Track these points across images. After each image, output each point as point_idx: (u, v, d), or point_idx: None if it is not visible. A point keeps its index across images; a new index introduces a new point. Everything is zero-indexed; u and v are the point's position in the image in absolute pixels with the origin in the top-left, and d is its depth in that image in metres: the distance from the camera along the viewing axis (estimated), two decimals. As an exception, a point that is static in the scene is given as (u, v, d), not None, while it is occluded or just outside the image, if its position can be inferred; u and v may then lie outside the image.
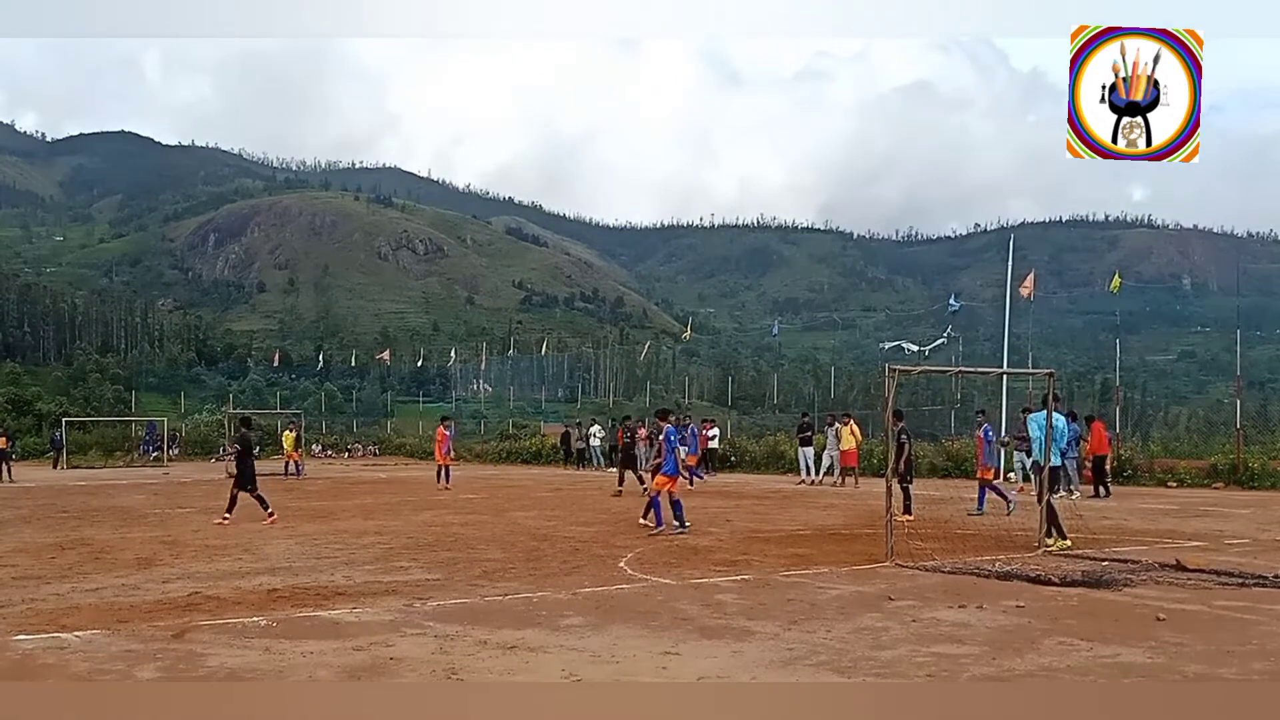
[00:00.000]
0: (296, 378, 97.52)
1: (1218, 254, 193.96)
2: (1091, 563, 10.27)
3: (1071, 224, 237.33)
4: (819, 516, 16.23)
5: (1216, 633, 6.94)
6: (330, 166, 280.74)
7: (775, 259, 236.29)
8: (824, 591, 8.80)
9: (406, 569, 10.49)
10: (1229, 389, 74.81)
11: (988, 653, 6.37)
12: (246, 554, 11.89)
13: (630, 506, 16.96)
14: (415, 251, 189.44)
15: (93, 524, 15.94)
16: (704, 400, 79.05)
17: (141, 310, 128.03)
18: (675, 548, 12.13)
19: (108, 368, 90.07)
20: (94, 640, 7.03)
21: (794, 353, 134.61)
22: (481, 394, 74.84)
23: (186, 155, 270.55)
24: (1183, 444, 30.24)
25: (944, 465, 26.52)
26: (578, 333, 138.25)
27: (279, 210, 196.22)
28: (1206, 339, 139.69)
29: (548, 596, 8.65)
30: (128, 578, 10.09)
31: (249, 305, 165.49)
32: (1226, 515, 15.89)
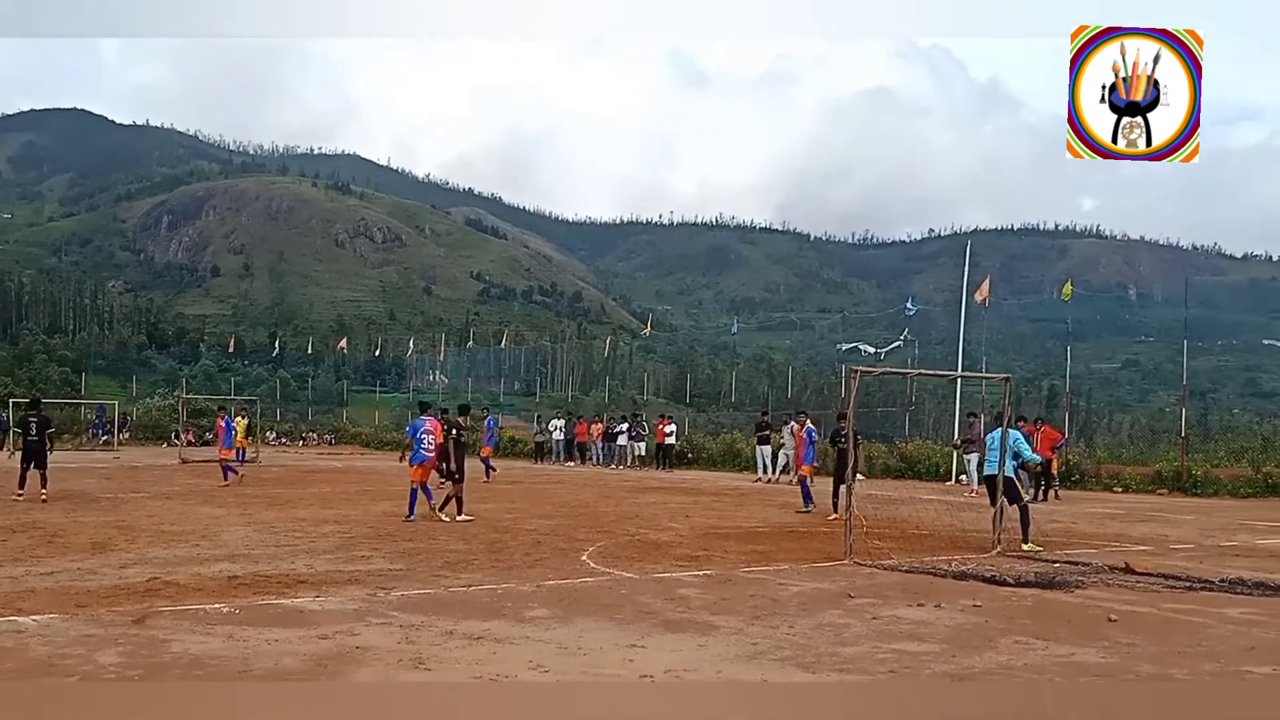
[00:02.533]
0: (250, 364, 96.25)
1: (1163, 265, 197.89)
2: (1044, 564, 10.50)
3: (1023, 232, 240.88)
4: (776, 514, 16.40)
5: (1167, 634, 7.15)
6: (288, 151, 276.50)
7: (733, 258, 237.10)
8: (785, 588, 8.92)
9: (368, 558, 10.47)
10: (1171, 398, 76.35)
11: (947, 650, 6.51)
12: (204, 540, 11.78)
13: (586, 500, 16.99)
14: (373, 240, 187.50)
15: (43, 507, 15.66)
16: (660, 397, 79.10)
17: (91, 291, 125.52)
18: (636, 542, 12.21)
19: (55, 349, 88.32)
20: (52, 625, 6.95)
21: (749, 352, 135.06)
22: (438, 385, 74.31)
23: (141, 135, 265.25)
24: (1127, 451, 30.85)
25: (898, 466, 26.86)
26: (535, 326, 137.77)
27: (235, 194, 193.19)
28: (1150, 349, 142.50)
29: (512, 588, 8.68)
30: (83, 562, 9.96)
31: (202, 289, 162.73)
32: (1171, 520, 16.28)
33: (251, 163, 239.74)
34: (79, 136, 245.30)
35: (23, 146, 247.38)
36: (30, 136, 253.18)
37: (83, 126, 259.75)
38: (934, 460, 26.33)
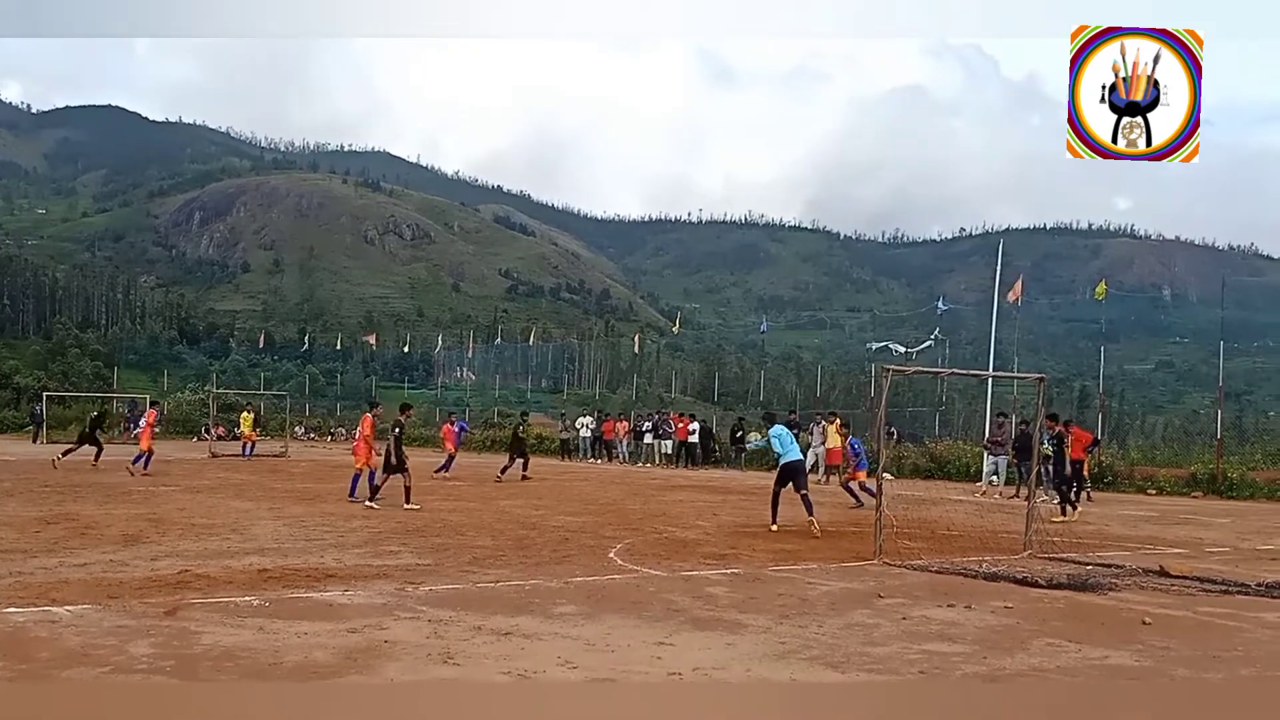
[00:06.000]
0: (279, 359, 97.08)
1: (1198, 266, 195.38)
2: (1076, 567, 10.37)
3: (1056, 231, 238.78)
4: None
5: (1202, 638, 7.03)
6: (318, 148, 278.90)
7: (762, 256, 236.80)
8: (814, 587, 8.86)
9: (396, 553, 10.50)
10: (1206, 400, 75.40)
11: (978, 652, 6.44)
12: (234, 534, 11.86)
13: (614, 497, 16.98)
14: (402, 236, 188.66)
15: (76, 499, 15.85)
16: (687, 395, 79.19)
17: (123, 286, 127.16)
18: (664, 540, 12.18)
19: (88, 343, 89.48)
20: (85, 615, 7.01)
21: (778, 350, 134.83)
22: (466, 382, 74.65)
23: (173, 132, 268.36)
24: (1160, 453, 30.47)
25: (927, 466, 26.66)
26: (563, 323, 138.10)
27: (265, 190, 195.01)
28: (1184, 350, 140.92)
29: (540, 585, 8.67)
30: (115, 554, 10.05)
31: (233, 285, 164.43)
32: (1206, 523, 16.05)
33: (282, 159, 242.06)
34: (113, 133, 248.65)
35: (58, 143, 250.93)
36: (65, 133, 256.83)
37: (117, 123, 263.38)
38: (964, 461, 26.11)
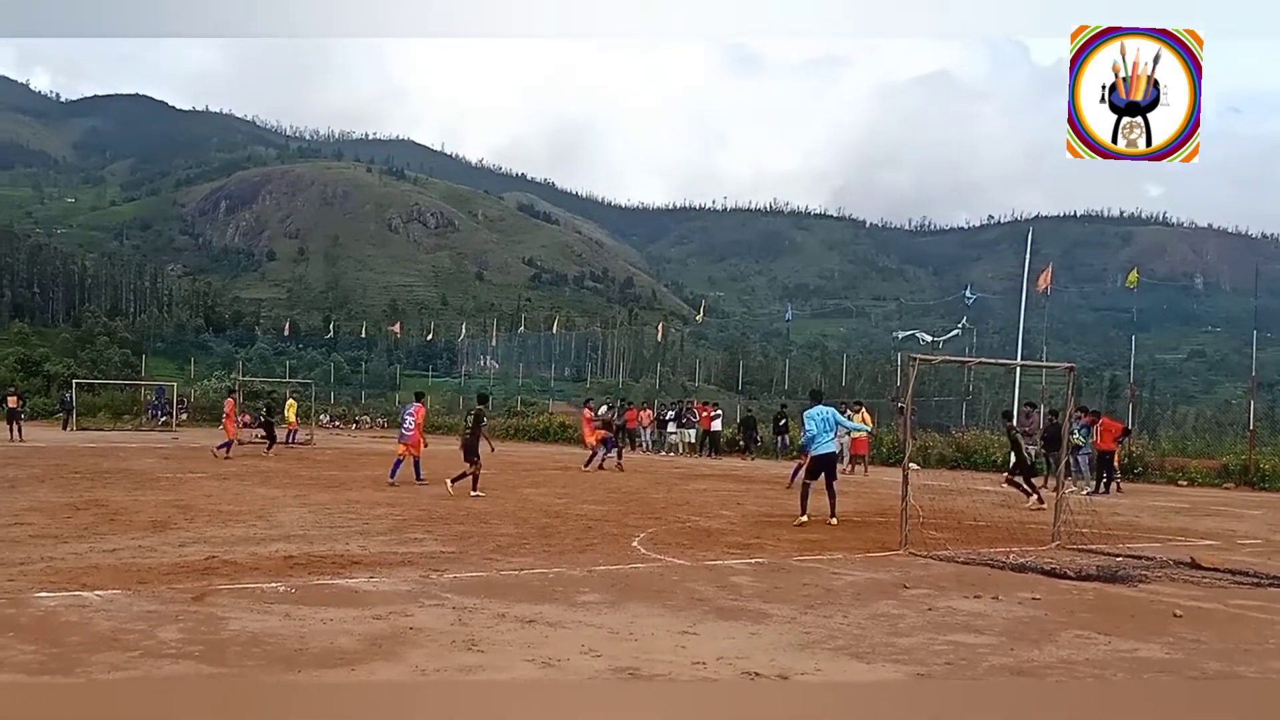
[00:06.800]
0: (304, 347, 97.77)
1: (1231, 254, 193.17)
2: (1106, 558, 10.27)
3: (1085, 219, 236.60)
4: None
5: (1234, 631, 6.94)
6: (343, 137, 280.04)
7: (786, 244, 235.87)
8: (839, 577, 8.81)
9: (421, 541, 10.53)
10: (1238, 390, 74.52)
11: (1005, 643, 6.38)
12: (260, 521, 11.95)
13: (637, 486, 16.97)
14: (426, 225, 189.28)
15: (105, 485, 16.02)
16: (711, 384, 78.97)
17: (151, 275, 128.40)
18: (687, 529, 12.17)
19: (116, 331, 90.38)
20: (115, 600, 7.07)
21: (803, 339, 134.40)
22: (489, 370, 74.91)
23: (200, 120, 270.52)
24: (1192, 443, 30.12)
25: (954, 456, 26.49)
26: (586, 312, 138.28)
27: (291, 179, 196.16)
28: (1216, 339, 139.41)
29: (563, 573, 8.67)
30: (144, 540, 10.14)
31: (258, 273, 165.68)
32: (1238, 515, 15.86)
33: (307, 148, 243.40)
34: (140, 122, 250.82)
35: (86, 133, 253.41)
36: (93, 122, 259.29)
37: (144, 112, 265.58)
38: (990, 451, 25.92)
